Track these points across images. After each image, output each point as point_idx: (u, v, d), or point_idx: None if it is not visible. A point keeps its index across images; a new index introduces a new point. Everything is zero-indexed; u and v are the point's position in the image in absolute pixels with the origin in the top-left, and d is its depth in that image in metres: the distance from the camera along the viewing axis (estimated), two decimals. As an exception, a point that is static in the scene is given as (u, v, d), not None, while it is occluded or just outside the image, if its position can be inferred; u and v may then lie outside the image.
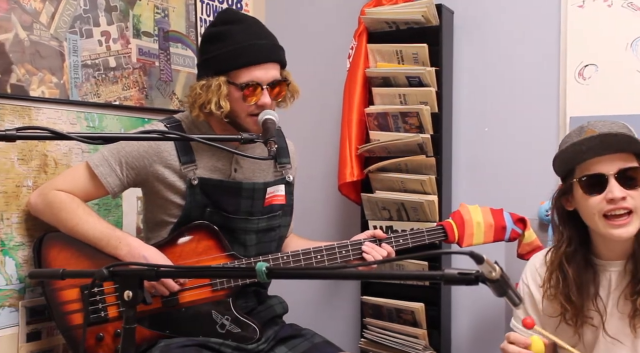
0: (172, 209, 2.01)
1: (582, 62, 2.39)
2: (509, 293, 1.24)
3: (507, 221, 2.17)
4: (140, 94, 2.43)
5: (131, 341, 1.28)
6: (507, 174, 2.54)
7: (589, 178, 1.65)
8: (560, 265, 1.74)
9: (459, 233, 2.13)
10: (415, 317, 2.48)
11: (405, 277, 2.05)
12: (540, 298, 1.81)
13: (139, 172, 1.99)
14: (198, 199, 1.98)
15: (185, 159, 1.99)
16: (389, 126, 2.54)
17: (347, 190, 2.64)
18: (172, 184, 1.99)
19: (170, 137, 1.81)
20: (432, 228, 2.15)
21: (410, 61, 2.52)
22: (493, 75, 2.59)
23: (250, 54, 1.94)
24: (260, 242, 2.07)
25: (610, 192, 1.61)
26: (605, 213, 1.63)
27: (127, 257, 1.88)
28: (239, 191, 2.02)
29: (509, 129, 2.55)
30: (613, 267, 1.73)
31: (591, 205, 1.65)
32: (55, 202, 1.94)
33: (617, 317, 1.71)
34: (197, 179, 1.98)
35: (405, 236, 2.08)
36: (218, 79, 1.93)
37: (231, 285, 1.96)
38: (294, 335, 2.08)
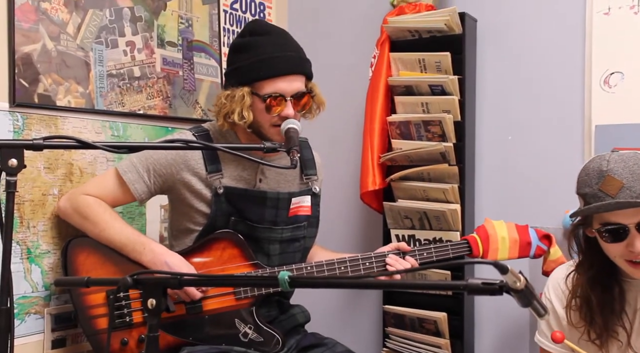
0: (197, 217, 2.02)
1: (607, 70, 2.36)
2: (533, 304, 1.23)
3: (533, 237, 2.15)
4: (164, 103, 2.45)
5: (155, 349, 1.28)
6: (531, 183, 2.52)
7: (610, 230, 1.63)
8: (583, 290, 1.73)
9: (483, 248, 2.12)
10: (438, 326, 2.46)
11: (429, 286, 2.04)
12: (563, 313, 1.79)
13: (167, 179, 2.01)
14: (223, 208, 1.99)
15: (212, 167, 2.00)
16: (412, 135, 2.53)
17: (369, 199, 2.63)
18: (198, 192, 2.01)
19: (194, 146, 1.83)
20: (457, 242, 2.15)
21: (433, 70, 2.51)
22: (517, 84, 2.57)
23: (275, 65, 1.95)
24: (284, 252, 2.07)
25: (631, 245, 1.61)
26: (628, 259, 1.63)
27: (151, 263, 1.90)
28: (263, 200, 2.03)
29: (533, 137, 2.53)
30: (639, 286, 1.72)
31: (613, 250, 1.66)
32: (82, 206, 1.97)
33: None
34: (222, 188, 1.99)
35: (430, 249, 2.07)
36: (242, 89, 1.95)
37: (255, 294, 1.97)
38: (316, 345, 2.08)
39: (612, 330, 1.70)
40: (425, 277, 2.48)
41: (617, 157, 1.63)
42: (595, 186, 1.63)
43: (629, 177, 1.59)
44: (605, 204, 1.60)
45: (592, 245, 1.73)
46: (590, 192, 1.63)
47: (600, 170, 1.63)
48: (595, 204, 1.62)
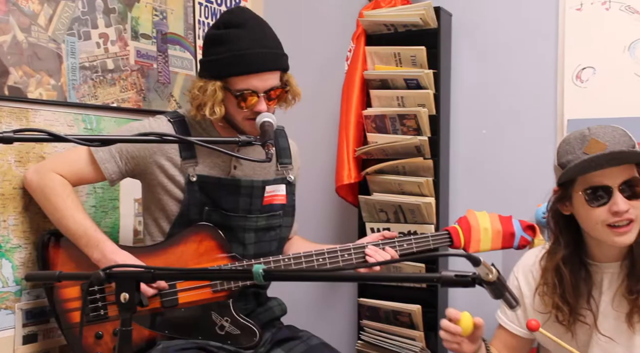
0: (170, 204, 2.00)
1: (579, 65, 2.39)
2: (505, 296, 1.25)
3: (516, 228, 2.14)
4: (138, 96, 2.43)
5: (127, 343, 1.28)
6: (505, 176, 2.55)
7: (594, 191, 1.65)
8: (557, 269, 1.75)
9: (465, 239, 2.11)
10: (412, 319, 2.48)
11: (403, 279, 2.05)
12: (529, 294, 1.82)
13: (139, 162, 1.99)
14: (196, 197, 1.98)
15: (187, 154, 1.99)
16: (387, 128, 2.54)
17: (345, 192, 2.64)
18: (172, 176, 1.99)
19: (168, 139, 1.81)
20: (438, 233, 2.13)
21: (409, 63, 2.52)
22: (491, 78, 2.59)
23: (248, 62, 1.92)
24: (259, 240, 2.07)
25: (615, 205, 1.63)
26: (609, 224, 1.65)
27: (99, 263, 1.87)
28: (237, 189, 2.02)
29: (507, 131, 2.55)
30: (607, 269, 1.75)
31: (595, 215, 1.66)
32: (49, 186, 1.93)
33: (612, 316, 1.73)
34: (195, 176, 1.98)
35: (410, 240, 2.06)
36: (214, 83, 1.93)
37: (231, 287, 1.96)
38: (291, 338, 2.08)
39: (579, 313, 1.73)
40: (400, 269, 2.49)
41: (596, 126, 1.69)
42: (579, 151, 1.66)
43: (611, 140, 1.64)
44: (598, 156, 1.61)
45: (568, 222, 1.75)
46: (574, 157, 1.66)
47: (583, 135, 1.67)
48: (587, 157, 1.63)
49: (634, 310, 1.68)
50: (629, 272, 1.71)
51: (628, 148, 1.64)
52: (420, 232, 2.46)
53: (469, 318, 1.67)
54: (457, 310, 1.69)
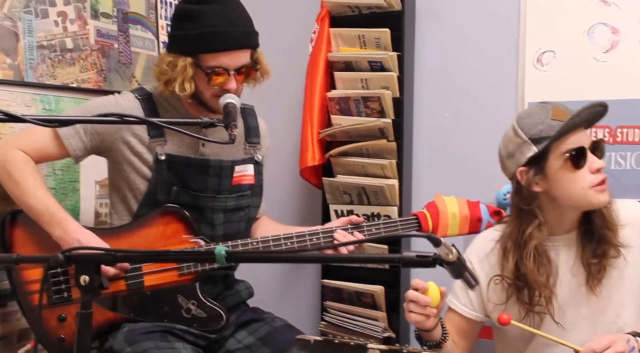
0: (138, 183, 1.98)
1: (540, 49, 2.42)
2: (465, 275, 1.27)
3: (484, 213, 2.16)
4: (98, 77, 2.39)
5: (87, 326, 1.26)
6: (467, 159, 2.57)
7: (575, 153, 1.71)
8: (517, 244, 1.78)
9: (433, 224, 2.12)
10: (375, 300, 2.50)
11: (365, 260, 2.07)
12: (484, 281, 1.84)
13: (105, 137, 1.96)
14: (164, 176, 1.96)
15: (155, 132, 1.97)
16: (351, 111, 2.55)
17: (309, 174, 2.64)
18: (139, 153, 1.97)
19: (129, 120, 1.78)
20: (406, 218, 2.14)
21: (373, 46, 2.52)
22: (454, 61, 2.61)
23: (220, 40, 1.90)
24: (228, 221, 2.06)
25: (595, 163, 1.71)
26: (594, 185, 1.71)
27: (62, 240, 1.84)
28: (206, 169, 2.01)
29: (469, 114, 2.58)
30: (563, 241, 1.81)
31: (579, 179, 1.71)
32: (11, 162, 1.89)
33: (572, 285, 1.79)
34: (164, 155, 1.96)
35: (378, 225, 2.07)
36: (185, 59, 1.90)
37: (198, 270, 1.95)
38: (255, 319, 2.09)
39: (537, 288, 1.76)
40: (363, 251, 2.51)
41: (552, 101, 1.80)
42: (547, 120, 1.72)
43: (568, 108, 1.74)
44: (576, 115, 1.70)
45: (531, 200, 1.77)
46: (545, 126, 1.72)
47: (543, 107, 1.76)
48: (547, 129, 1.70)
49: (592, 275, 1.75)
50: (585, 239, 1.77)
51: None
52: (383, 215, 2.48)
53: (436, 288, 1.67)
54: (420, 281, 1.68)
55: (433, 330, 1.73)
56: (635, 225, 1.78)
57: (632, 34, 2.28)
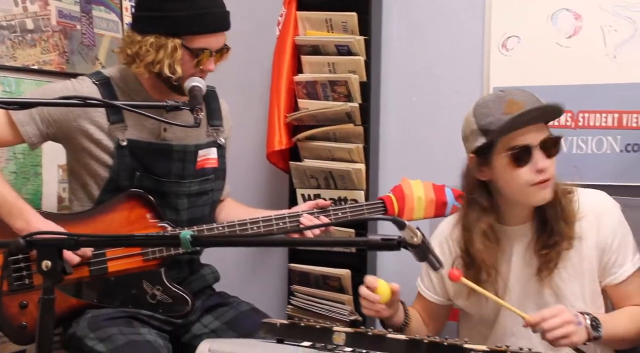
0: (99, 170, 1.95)
1: (505, 34, 2.44)
2: (429, 258, 1.28)
3: (449, 197, 2.18)
4: (61, 59, 2.34)
5: (50, 312, 1.25)
6: (433, 143, 2.59)
7: (518, 151, 1.69)
8: (469, 233, 1.80)
9: (399, 208, 2.13)
10: (342, 283, 2.52)
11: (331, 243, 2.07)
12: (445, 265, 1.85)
13: (62, 125, 1.92)
14: (127, 162, 1.94)
15: (115, 118, 1.93)
16: (318, 95, 2.54)
17: (276, 158, 2.63)
18: (99, 141, 1.93)
19: (93, 103, 1.75)
20: (373, 202, 2.15)
21: (340, 30, 2.52)
22: (421, 46, 2.61)
23: (210, 21, 1.91)
24: (193, 206, 2.04)
25: (538, 163, 1.68)
26: (534, 183, 1.70)
27: (23, 232, 1.80)
28: (169, 154, 1.99)
29: (436, 98, 2.59)
30: (518, 232, 1.81)
31: (520, 176, 1.70)
32: None
33: (524, 275, 1.80)
34: (126, 141, 1.93)
35: (345, 210, 2.07)
36: (174, 41, 1.88)
37: (164, 255, 1.93)
38: (221, 304, 2.08)
39: (489, 275, 1.79)
40: (330, 235, 2.52)
41: (510, 88, 1.76)
42: (498, 113, 1.69)
43: (528, 100, 1.70)
44: (523, 113, 1.66)
45: (482, 190, 1.79)
46: (495, 119, 1.69)
47: (500, 97, 1.72)
48: (512, 116, 1.67)
49: (543, 265, 1.76)
50: (539, 230, 1.78)
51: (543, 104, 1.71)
52: (350, 199, 2.49)
53: (385, 287, 1.72)
54: (374, 278, 1.74)
55: (393, 318, 1.77)
56: (591, 217, 1.78)
57: (595, 19, 2.32)
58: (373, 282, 1.72)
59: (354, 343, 1.37)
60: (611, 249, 1.77)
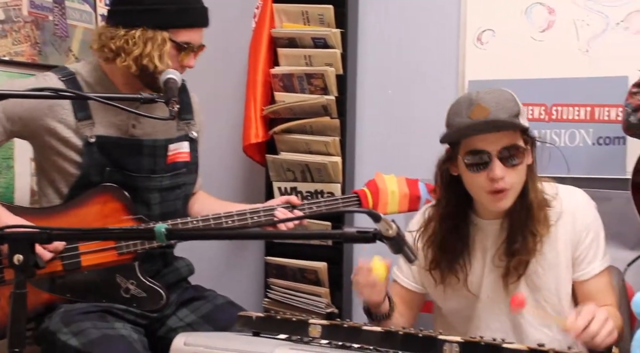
0: (68, 168, 1.92)
1: (480, 27, 2.46)
2: (404, 250, 1.28)
3: (422, 191, 2.19)
4: (32, 50, 2.30)
5: (22, 307, 1.23)
6: (409, 136, 2.61)
7: (474, 156, 1.69)
8: (440, 223, 1.81)
9: (373, 202, 2.14)
10: (318, 276, 2.53)
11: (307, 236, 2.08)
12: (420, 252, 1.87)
13: (28, 123, 1.89)
14: (96, 158, 1.92)
15: (82, 114, 1.91)
16: (294, 87, 2.54)
17: (252, 151, 2.63)
18: (66, 140, 1.91)
19: (65, 95, 1.73)
20: (347, 196, 2.16)
21: (316, 22, 2.52)
22: (396, 39, 2.62)
23: (194, 16, 1.92)
24: (164, 200, 2.03)
25: (491, 171, 1.67)
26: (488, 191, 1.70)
27: None
28: (139, 149, 1.97)
29: (411, 91, 2.61)
30: (491, 226, 1.81)
31: (475, 181, 1.71)
32: None
33: (492, 272, 1.81)
34: (94, 137, 1.91)
35: (319, 203, 2.07)
36: (162, 33, 1.86)
37: (137, 249, 1.91)
38: (197, 297, 2.07)
39: (454, 268, 1.80)
40: (306, 228, 2.52)
41: (485, 90, 1.74)
42: (465, 114, 1.69)
43: (494, 106, 1.68)
44: (476, 123, 1.66)
45: (453, 183, 1.80)
46: (459, 121, 1.70)
47: (471, 100, 1.71)
48: (457, 124, 1.69)
49: (509, 270, 1.75)
50: (507, 233, 1.77)
51: (510, 114, 1.68)
52: (327, 191, 2.49)
53: (381, 264, 1.68)
54: (365, 260, 1.70)
55: (382, 303, 1.77)
56: (568, 214, 1.78)
57: (567, 14, 2.34)
58: (367, 265, 1.68)
59: (330, 335, 1.37)
60: (583, 244, 1.78)
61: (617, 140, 2.31)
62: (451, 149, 1.77)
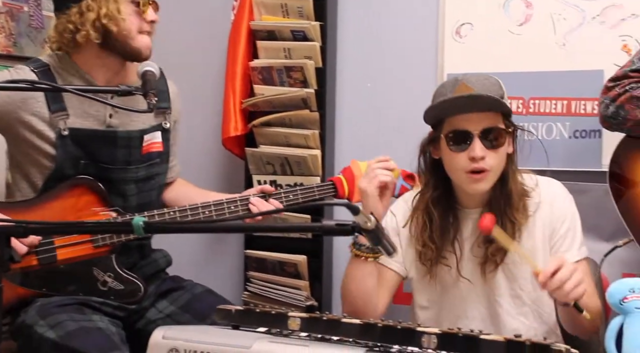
0: (42, 160, 1.91)
1: (458, 21, 2.47)
2: (383, 242, 1.29)
3: (397, 177, 2.22)
4: (7, 41, 2.27)
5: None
6: (388, 129, 2.61)
7: (455, 135, 1.72)
8: (426, 208, 1.82)
9: (349, 189, 2.14)
10: (298, 269, 2.53)
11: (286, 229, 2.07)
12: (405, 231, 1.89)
13: (2, 117, 1.86)
14: (70, 151, 1.90)
15: (56, 106, 1.89)
16: (274, 80, 2.53)
17: (231, 144, 2.62)
18: (40, 132, 1.89)
19: (41, 87, 1.71)
20: (323, 184, 2.14)
21: (296, 15, 2.51)
22: (376, 32, 2.63)
23: None
24: (140, 191, 2.02)
25: (472, 150, 1.69)
26: (468, 171, 1.72)
27: None
28: (114, 140, 1.95)
29: (390, 84, 2.61)
30: (471, 215, 1.83)
31: (456, 161, 1.73)
32: None
33: (470, 261, 1.83)
34: (67, 130, 1.89)
35: (295, 192, 2.07)
36: None
37: (114, 241, 1.90)
38: (175, 288, 2.07)
39: (442, 255, 1.82)
40: (286, 221, 2.52)
41: (472, 73, 1.78)
42: (449, 93, 1.72)
43: (480, 87, 1.71)
44: (458, 97, 1.68)
45: (437, 167, 1.82)
46: (443, 99, 1.72)
47: (456, 80, 1.74)
48: (450, 97, 1.70)
49: (487, 258, 1.78)
50: None
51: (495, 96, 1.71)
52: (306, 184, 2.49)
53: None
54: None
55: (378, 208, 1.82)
56: (546, 204, 1.81)
57: (544, 7, 2.36)
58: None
59: (309, 328, 1.37)
60: (559, 232, 1.80)
61: (593, 134, 2.34)
62: (434, 131, 1.79)
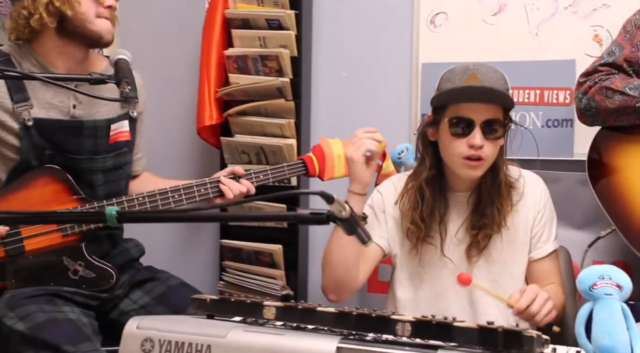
0: (6, 152, 1.88)
1: (433, 10, 2.48)
2: (358, 232, 1.29)
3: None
4: (-24, 28, 2.23)
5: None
6: (364, 118, 2.61)
7: (458, 121, 1.77)
8: (420, 188, 1.87)
9: (319, 167, 2.14)
10: (273, 258, 2.53)
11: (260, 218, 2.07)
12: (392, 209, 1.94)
13: None
14: (35, 141, 1.86)
15: (18, 96, 1.85)
16: (249, 69, 2.52)
17: (206, 133, 2.60)
18: (3, 123, 1.85)
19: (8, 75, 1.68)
20: (293, 162, 2.12)
21: (270, 3, 2.49)
22: (351, 21, 2.63)
23: None
24: (108, 181, 1.99)
25: (472, 138, 1.75)
26: (465, 156, 1.78)
27: None
28: (80, 130, 1.92)
29: (366, 74, 2.62)
30: (459, 198, 1.89)
31: (454, 146, 1.78)
32: None
33: (454, 244, 1.89)
34: (32, 120, 1.85)
35: (266, 171, 2.06)
36: None
37: (83, 230, 1.88)
38: (150, 278, 2.06)
39: (429, 234, 1.87)
40: (261, 210, 2.52)
41: (481, 63, 1.82)
42: (458, 82, 1.77)
43: (489, 80, 1.77)
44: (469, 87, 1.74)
45: (432, 148, 1.87)
46: (451, 86, 1.78)
47: (467, 68, 1.79)
48: (460, 86, 1.76)
49: (472, 244, 1.85)
50: (474, 208, 1.86)
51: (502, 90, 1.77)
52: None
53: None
54: None
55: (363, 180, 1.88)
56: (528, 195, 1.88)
57: (518, -3, 2.38)
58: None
59: (284, 317, 1.37)
60: (539, 223, 1.88)
61: (565, 123, 2.37)
62: (435, 114, 1.83)
